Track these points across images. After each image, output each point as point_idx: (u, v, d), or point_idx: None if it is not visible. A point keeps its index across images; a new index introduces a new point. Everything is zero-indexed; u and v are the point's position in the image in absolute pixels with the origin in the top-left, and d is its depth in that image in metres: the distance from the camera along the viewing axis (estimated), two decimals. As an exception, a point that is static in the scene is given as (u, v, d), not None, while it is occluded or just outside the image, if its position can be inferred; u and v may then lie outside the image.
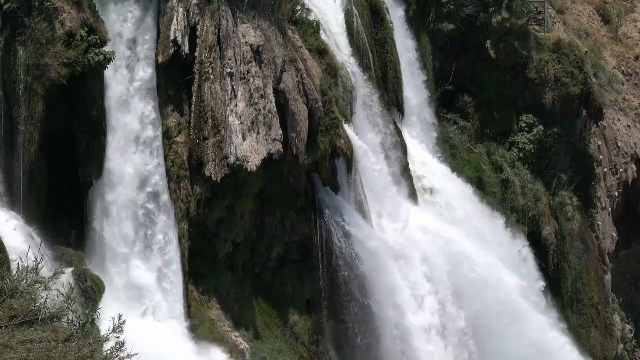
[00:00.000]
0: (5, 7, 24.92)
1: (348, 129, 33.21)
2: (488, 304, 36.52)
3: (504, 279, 37.27)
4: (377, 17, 37.62)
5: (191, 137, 29.09)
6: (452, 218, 37.94)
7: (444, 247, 36.41)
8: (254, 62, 29.81)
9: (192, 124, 29.09)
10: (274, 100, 29.99)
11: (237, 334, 30.09)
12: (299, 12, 32.83)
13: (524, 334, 37.42)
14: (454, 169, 39.98)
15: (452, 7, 40.32)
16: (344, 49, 35.54)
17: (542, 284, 40.45)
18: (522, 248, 40.52)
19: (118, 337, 12.14)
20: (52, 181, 26.31)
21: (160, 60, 28.66)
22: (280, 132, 29.90)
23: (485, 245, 37.82)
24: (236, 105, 29.35)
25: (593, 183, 45.52)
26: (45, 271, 14.35)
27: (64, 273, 22.37)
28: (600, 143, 46.82)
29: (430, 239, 36.09)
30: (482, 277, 36.42)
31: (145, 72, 28.52)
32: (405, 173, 36.68)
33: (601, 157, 46.51)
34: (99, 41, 26.22)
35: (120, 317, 12.26)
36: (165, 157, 28.85)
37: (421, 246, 35.58)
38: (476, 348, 35.88)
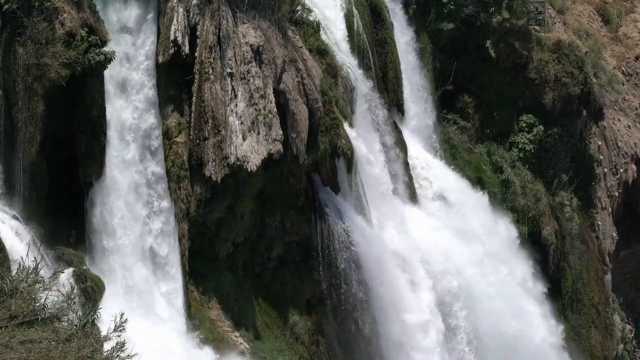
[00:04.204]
0: (5, 7, 24.89)
1: (348, 129, 33.20)
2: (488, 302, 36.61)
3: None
4: (377, 17, 37.61)
5: (191, 137, 29.07)
6: (451, 217, 37.95)
7: (444, 247, 36.42)
8: (254, 62, 29.79)
9: (192, 124, 29.07)
10: (274, 100, 29.98)
11: (237, 334, 30.08)
12: (299, 12, 32.81)
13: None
14: (453, 168, 40.00)
15: (452, 7, 40.35)
16: (344, 49, 35.52)
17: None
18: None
19: (119, 336, 12.09)
20: (52, 181, 26.28)
21: (160, 60, 28.64)
22: (280, 132, 29.89)
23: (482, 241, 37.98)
24: (236, 105, 29.34)
25: (593, 183, 45.51)
26: (45, 271, 14.34)
27: (63, 272, 22.40)
28: (600, 143, 46.82)
29: (430, 239, 36.11)
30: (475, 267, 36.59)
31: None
32: (405, 173, 36.68)
33: (601, 157, 46.51)
34: (99, 41, 26.20)
35: (122, 316, 12.22)
36: (165, 157, 28.84)
37: (421, 246, 35.58)
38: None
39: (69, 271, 24.78)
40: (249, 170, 29.18)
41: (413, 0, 40.02)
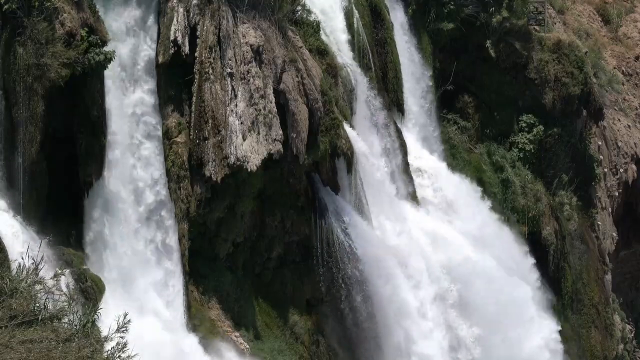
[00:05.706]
0: (5, 7, 24.88)
1: (348, 129, 33.20)
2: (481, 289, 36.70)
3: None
4: (377, 17, 37.61)
5: (191, 137, 29.07)
6: (451, 216, 37.97)
7: (444, 246, 36.43)
8: (254, 62, 29.79)
9: (192, 124, 29.07)
10: (274, 100, 29.97)
11: (237, 334, 30.07)
12: (299, 12, 32.82)
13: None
14: (453, 167, 40.01)
15: (452, 7, 40.36)
16: (344, 49, 35.52)
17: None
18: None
19: (122, 337, 12.07)
20: (52, 181, 26.26)
21: (160, 60, 28.63)
22: (280, 132, 29.89)
23: (483, 242, 37.96)
24: (236, 105, 29.34)
25: (593, 183, 45.53)
26: (45, 271, 14.33)
27: (63, 274, 22.38)
28: (600, 143, 46.84)
29: (430, 240, 36.11)
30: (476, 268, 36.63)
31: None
32: (405, 173, 36.68)
33: (601, 157, 46.53)
34: (99, 41, 26.18)
35: (125, 316, 12.20)
36: (165, 157, 28.83)
37: (421, 246, 35.58)
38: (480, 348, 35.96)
39: (68, 271, 24.77)
40: (249, 170, 29.18)
41: (413, 0, 40.03)
